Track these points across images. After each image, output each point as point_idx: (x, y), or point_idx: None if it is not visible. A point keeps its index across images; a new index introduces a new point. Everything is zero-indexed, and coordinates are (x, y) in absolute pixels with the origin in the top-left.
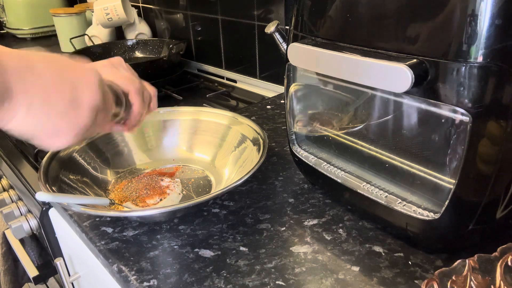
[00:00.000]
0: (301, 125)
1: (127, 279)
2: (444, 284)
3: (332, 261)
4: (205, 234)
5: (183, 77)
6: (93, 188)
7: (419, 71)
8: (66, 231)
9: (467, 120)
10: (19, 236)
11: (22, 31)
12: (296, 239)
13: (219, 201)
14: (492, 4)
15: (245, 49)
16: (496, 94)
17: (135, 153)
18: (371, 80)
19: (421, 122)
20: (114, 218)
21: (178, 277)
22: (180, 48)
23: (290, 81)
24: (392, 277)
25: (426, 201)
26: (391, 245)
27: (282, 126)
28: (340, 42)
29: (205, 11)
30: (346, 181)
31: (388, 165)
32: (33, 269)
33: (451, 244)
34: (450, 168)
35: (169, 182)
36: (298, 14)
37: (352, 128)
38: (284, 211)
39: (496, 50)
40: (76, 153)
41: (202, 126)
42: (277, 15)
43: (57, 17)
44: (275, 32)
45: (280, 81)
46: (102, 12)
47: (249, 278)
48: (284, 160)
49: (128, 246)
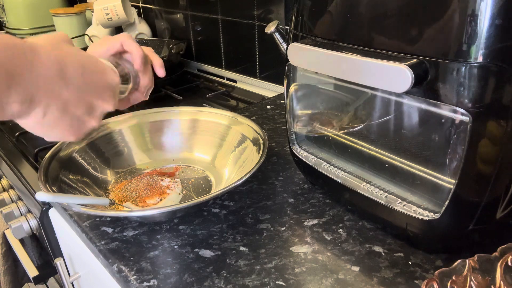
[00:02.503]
0: (301, 125)
1: (127, 279)
2: (444, 284)
3: (332, 261)
4: (205, 234)
5: (183, 77)
6: (93, 188)
7: (419, 71)
8: (66, 231)
9: (467, 120)
10: (19, 236)
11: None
12: (296, 239)
13: (219, 201)
14: (492, 4)
15: (245, 49)
16: (496, 94)
17: (135, 153)
18: (371, 80)
19: (421, 122)
20: (114, 218)
21: (178, 277)
22: (180, 48)
23: (290, 81)
24: (392, 277)
25: (426, 201)
26: (391, 245)
27: (282, 126)
28: (340, 42)
29: (205, 11)
30: (346, 181)
31: (388, 165)
32: (33, 269)
33: (451, 244)
34: (450, 168)
35: (169, 182)
36: (298, 14)
37: (352, 128)
38: (284, 211)
39: (496, 50)
40: (76, 153)
41: (202, 126)
42: (277, 15)
43: (57, 17)
44: (275, 32)
45: (280, 81)
46: (102, 12)
47: (249, 278)
48: (284, 160)
49: (128, 246)
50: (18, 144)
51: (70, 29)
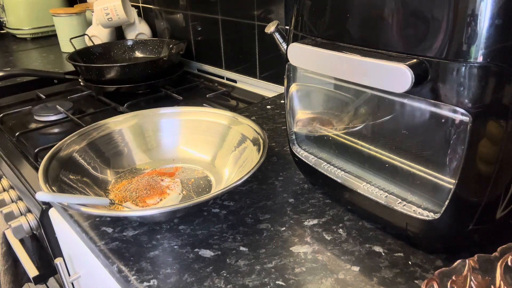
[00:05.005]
0: (301, 125)
1: (127, 279)
2: (444, 284)
3: (332, 261)
4: (205, 234)
5: (183, 77)
6: (93, 188)
7: (419, 71)
8: (66, 231)
9: (467, 120)
10: (19, 236)
11: (22, 31)
12: (296, 239)
13: (219, 201)
14: (492, 4)
15: (245, 49)
16: (496, 94)
17: (135, 153)
18: (371, 80)
19: (421, 122)
20: (114, 218)
21: (178, 277)
22: (180, 48)
23: (290, 81)
24: (392, 277)
25: (426, 201)
26: (391, 245)
27: (282, 126)
28: (340, 42)
29: (205, 11)
30: (346, 181)
31: (388, 165)
32: (33, 269)
33: (451, 244)
34: (450, 168)
35: (169, 182)
36: (298, 14)
37: (352, 128)
38: (284, 211)
39: (496, 50)
40: (76, 153)
41: (202, 126)
42: (277, 15)
43: (57, 17)
44: (275, 32)
45: (280, 81)
46: (102, 12)
47: (249, 278)
48: (284, 160)
49: (128, 246)
50: (18, 144)
51: (70, 29)
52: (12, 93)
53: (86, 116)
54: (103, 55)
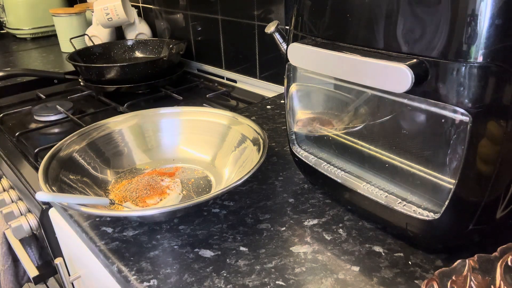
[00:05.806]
0: (301, 125)
1: (127, 279)
2: (444, 284)
3: (332, 261)
4: (205, 234)
5: (183, 77)
6: (93, 188)
7: (419, 71)
8: (66, 231)
9: (467, 120)
10: (19, 236)
11: (22, 31)
12: (296, 239)
13: (219, 201)
14: (492, 4)
15: (245, 49)
16: (496, 94)
17: (135, 153)
18: (371, 80)
19: (421, 122)
20: (114, 218)
21: (178, 277)
22: (180, 48)
23: (290, 81)
24: (392, 277)
25: (426, 201)
26: (391, 245)
27: (282, 126)
28: (340, 42)
29: (205, 11)
30: (346, 181)
31: (388, 165)
32: (33, 269)
33: (451, 244)
34: (450, 168)
35: (169, 182)
36: (298, 14)
37: (352, 128)
38: (284, 211)
39: (496, 50)
40: (76, 153)
41: (202, 126)
42: (277, 15)
43: (57, 17)
44: (275, 32)
45: (280, 81)
46: (102, 12)
47: (249, 278)
48: (284, 160)
49: (128, 246)
50: (18, 144)
51: (70, 29)
52: (12, 93)
53: (86, 116)
54: (103, 55)
